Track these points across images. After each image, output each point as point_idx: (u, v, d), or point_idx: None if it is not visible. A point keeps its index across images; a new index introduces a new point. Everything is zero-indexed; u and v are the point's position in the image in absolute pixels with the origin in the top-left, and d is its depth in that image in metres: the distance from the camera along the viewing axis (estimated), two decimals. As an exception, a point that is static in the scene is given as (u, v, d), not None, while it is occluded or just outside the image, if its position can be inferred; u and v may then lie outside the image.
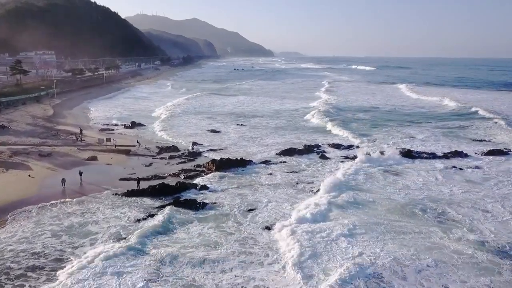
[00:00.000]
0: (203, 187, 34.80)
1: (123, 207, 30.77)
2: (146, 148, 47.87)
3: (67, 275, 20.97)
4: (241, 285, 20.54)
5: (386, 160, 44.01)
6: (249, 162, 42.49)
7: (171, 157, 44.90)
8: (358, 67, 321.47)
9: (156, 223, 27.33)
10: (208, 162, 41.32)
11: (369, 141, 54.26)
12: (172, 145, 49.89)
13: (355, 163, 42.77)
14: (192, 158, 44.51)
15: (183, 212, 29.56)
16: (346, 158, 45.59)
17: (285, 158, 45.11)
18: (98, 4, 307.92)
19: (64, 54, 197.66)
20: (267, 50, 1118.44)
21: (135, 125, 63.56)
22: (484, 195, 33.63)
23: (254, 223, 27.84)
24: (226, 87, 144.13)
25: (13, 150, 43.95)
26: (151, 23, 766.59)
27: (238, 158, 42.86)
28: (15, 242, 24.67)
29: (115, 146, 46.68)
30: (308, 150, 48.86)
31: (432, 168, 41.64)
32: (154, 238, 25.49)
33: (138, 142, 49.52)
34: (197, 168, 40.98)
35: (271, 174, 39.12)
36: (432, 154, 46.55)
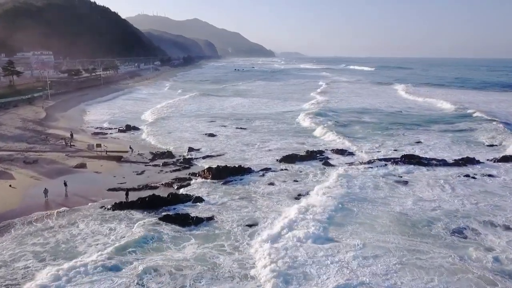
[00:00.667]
0: (197, 199, 32.16)
1: (110, 222, 28.17)
2: (139, 154, 45.27)
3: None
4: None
5: (393, 168, 41.44)
6: (247, 170, 39.84)
7: (165, 164, 42.28)
8: (357, 68, 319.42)
9: (142, 242, 24.82)
10: (204, 170, 38.67)
11: (374, 146, 51.57)
12: (167, 150, 47.27)
13: (360, 171, 40.19)
14: (187, 165, 41.86)
15: (173, 229, 26.93)
16: (350, 164, 42.93)
17: (286, 165, 42.44)
18: (97, 4, 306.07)
19: (63, 54, 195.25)
20: (268, 51, 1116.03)
21: (129, 128, 61.00)
22: (502, 207, 30.95)
23: (254, 241, 25.20)
24: (225, 88, 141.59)
25: (-3, 156, 41.42)
26: (152, 23, 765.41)
27: (236, 166, 40.23)
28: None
29: (106, 152, 44.08)
30: (311, 156, 46.13)
31: (443, 176, 38.91)
32: (136, 259, 22.89)
33: (131, 147, 46.91)
34: (192, 176, 38.34)
35: (272, 184, 36.44)
36: (442, 161, 43.77)
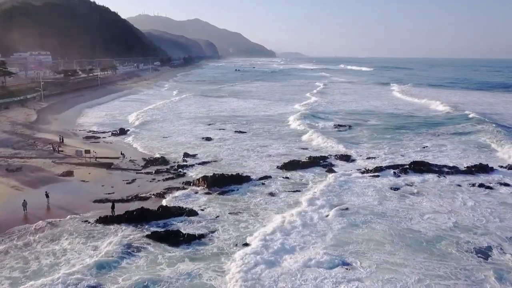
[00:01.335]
0: (190, 212, 29.41)
1: (93, 239, 25.47)
2: (130, 160, 42.56)
3: None
4: None
5: (401, 176, 38.74)
6: (246, 179, 37.11)
7: (157, 171, 39.54)
8: (356, 68, 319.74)
9: (125, 262, 22.21)
10: (199, 179, 35.93)
11: (378, 151, 48.72)
12: (161, 156, 44.55)
13: (366, 180, 37.51)
14: (182, 173, 39.15)
15: (161, 248, 24.23)
16: (356, 172, 40.18)
17: (287, 173, 39.73)
18: (97, 4, 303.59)
19: (61, 54, 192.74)
20: (268, 51, 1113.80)
21: (123, 132, 58.30)
22: (524, 222, 28.21)
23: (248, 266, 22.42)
24: (225, 88, 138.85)
25: (-22, 164, 38.76)
26: (153, 23, 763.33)
27: (234, 174, 37.54)
28: None
29: (96, 159, 41.37)
30: (313, 162, 43.35)
31: (456, 185, 36.20)
32: (115, 281, 20.29)
33: (122, 153, 44.20)
34: (186, 186, 35.60)
35: (272, 195, 33.69)
36: (454, 168, 40.89)
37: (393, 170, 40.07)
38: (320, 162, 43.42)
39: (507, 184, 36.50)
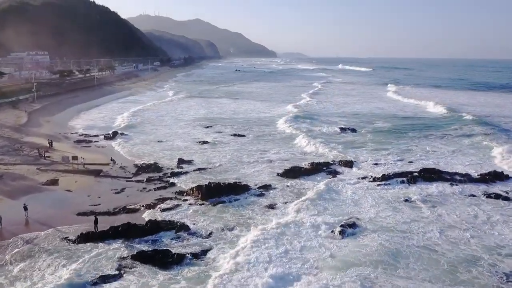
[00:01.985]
0: (182, 227, 26.66)
1: (71, 259, 22.73)
2: (121, 167, 39.82)
3: None
4: None
5: (411, 185, 36.07)
6: (244, 188, 34.39)
7: (149, 179, 36.81)
8: (354, 68, 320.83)
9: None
10: (193, 189, 33.20)
11: (384, 157, 45.88)
12: (154, 162, 41.80)
13: (372, 188, 34.93)
14: (175, 182, 36.40)
15: (148, 270, 21.53)
16: (362, 180, 37.48)
17: (288, 181, 37.03)
18: (96, 3, 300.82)
19: (59, 55, 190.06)
20: (269, 51, 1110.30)
21: (116, 135, 55.60)
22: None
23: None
24: (224, 89, 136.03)
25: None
26: (154, 23, 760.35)
27: (231, 183, 34.83)
28: None
29: (84, 166, 38.65)
30: (316, 169, 40.63)
31: (471, 196, 33.48)
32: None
33: (113, 159, 41.43)
34: (178, 196, 32.90)
35: (272, 207, 30.95)
36: (467, 176, 38.09)
37: (401, 178, 37.39)
38: (323, 169, 40.69)
39: (525, 194, 33.79)
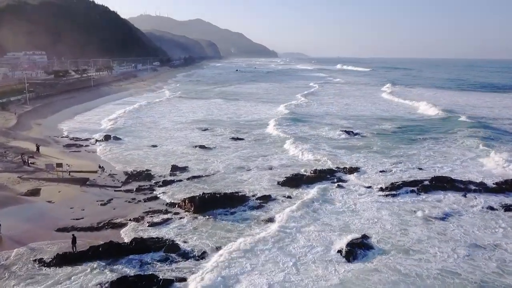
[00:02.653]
0: (171, 247, 23.85)
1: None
2: (110, 175, 37.05)
3: None
4: None
5: (421, 194, 33.37)
6: (241, 199, 31.66)
7: (139, 189, 34.09)
8: (353, 68, 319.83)
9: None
10: (185, 200, 30.42)
11: (391, 163, 43.04)
12: (146, 169, 39.06)
13: (380, 200, 32.24)
14: (166, 192, 33.64)
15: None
16: (368, 189, 34.70)
17: (289, 191, 34.28)
18: (96, 3, 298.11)
19: (58, 55, 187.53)
20: (270, 51, 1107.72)
21: (109, 139, 52.83)
22: None
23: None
24: (224, 89, 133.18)
25: None
26: (154, 23, 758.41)
27: (227, 193, 32.13)
28: None
29: (69, 173, 35.91)
30: (320, 177, 37.84)
31: (488, 208, 30.68)
32: None
33: (101, 166, 38.68)
34: (169, 208, 30.15)
35: (272, 221, 28.14)
36: (482, 185, 35.33)
37: (411, 188, 34.64)
38: (327, 177, 37.85)
39: (548, 206, 30.99)
